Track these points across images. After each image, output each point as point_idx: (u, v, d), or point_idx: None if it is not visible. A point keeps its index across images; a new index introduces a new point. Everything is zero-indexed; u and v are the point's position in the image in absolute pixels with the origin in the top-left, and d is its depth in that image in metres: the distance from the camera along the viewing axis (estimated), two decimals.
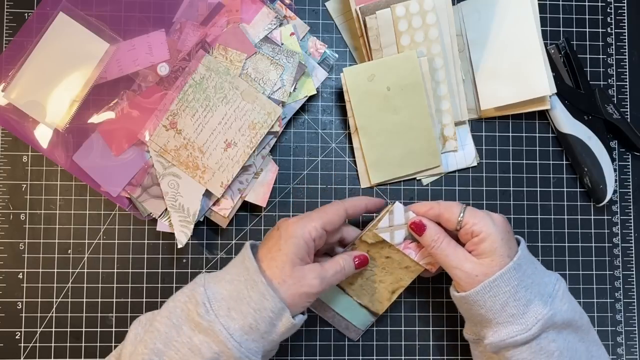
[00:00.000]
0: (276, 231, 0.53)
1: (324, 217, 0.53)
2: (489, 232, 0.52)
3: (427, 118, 0.63)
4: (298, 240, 0.51)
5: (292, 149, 0.65)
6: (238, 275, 0.51)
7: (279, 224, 0.54)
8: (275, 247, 0.52)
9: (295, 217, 0.54)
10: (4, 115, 0.59)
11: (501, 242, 0.52)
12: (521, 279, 0.51)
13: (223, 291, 0.50)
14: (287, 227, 0.52)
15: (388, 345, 0.64)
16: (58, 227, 0.63)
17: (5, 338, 0.62)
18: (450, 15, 0.63)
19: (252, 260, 0.51)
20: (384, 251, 0.59)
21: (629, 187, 0.67)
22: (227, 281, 0.51)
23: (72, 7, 0.60)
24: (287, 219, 0.54)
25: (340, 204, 0.55)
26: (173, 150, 0.60)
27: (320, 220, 0.53)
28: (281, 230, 0.52)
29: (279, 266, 0.51)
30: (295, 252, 0.51)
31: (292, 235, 0.51)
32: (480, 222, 0.52)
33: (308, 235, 0.52)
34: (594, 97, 0.65)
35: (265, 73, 0.61)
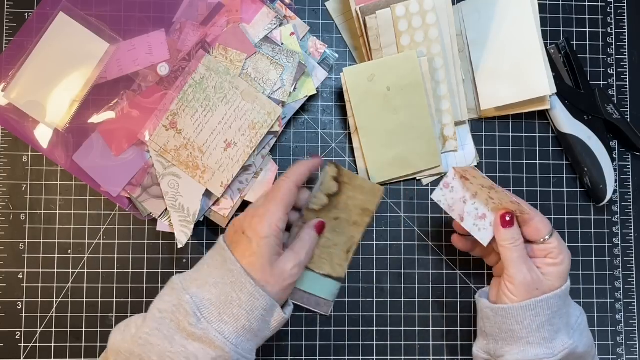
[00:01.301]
0: (242, 235, 0.52)
1: (282, 202, 0.53)
2: (567, 262, 0.54)
3: (427, 118, 0.63)
4: (269, 239, 0.51)
5: (292, 149, 0.65)
6: (222, 278, 0.50)
7: (243, 226, 0.52)
8: (248, 251, 0.51)
9: (253, 213, 0.53)
10: (4, 115, 0.59)
11: (565, 272, 0.54)
12: (561, 307, 0.53)
13: (210, 296, 0.49)
14: (253, 229, 0.51)
15: (388, 345, 0.64)
16: (58, 227, 0.63)
17: (5, 338, 0.62)
18: (450, 15, 0.63)
19: (235, 262, 0.50)
20: (331, 214, 0.61)
21: (629, 187, 0.67)
22: (212, 285, 0.50)
23: (72, 7, 0.60)
24: (245, 217, 0.53)
25: (289, 181, 0.55)
26: (173, 150, 0.60)
27: (281, 208, 0.53)
28: (248, 233, 0.51)
29: (259, 269, 0.50)
30: (270, 251, 0.51)
31: (263, 236, 0.51)
32: (564, 250, 0.54)
33: (277, 230, 0.52)
34: (594, 97, 0.65)
35: (265, 73, 0.61)
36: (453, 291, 0.65)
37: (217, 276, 0.50)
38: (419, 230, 0.65)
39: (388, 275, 0.65)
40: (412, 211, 0.65)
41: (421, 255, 0.65)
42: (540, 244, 0.54)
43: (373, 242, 0.65)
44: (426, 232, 0.65)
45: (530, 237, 0.54)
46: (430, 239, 0.65)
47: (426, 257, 0.65)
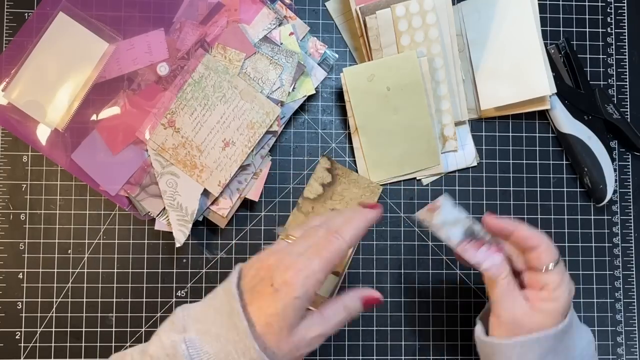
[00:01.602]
0: (269, 287, 0.42)
1: (329, 264, 0.44)
2: (563, 300, 0.48)
3: (427, 118, 0.63)
4: (301, 301, 0.42)
5: (292, 149, 0.65)
6: (226, 332, 0.42)
7: (272, 276, 0.43)
8: (271, 308, 0.42)
9: (290, 265, 0.43)
10: (4, 115, 0.60)
11: (562, 311, 0.48)
12: (556, 344, 0.48)
13: (209, 349, 0.42)
14: (285, 287, 0.42)
15: (388, 345, 0.64)
16: (58, 227, 0.63)
17: (5, 338, 0.62)
18: (450, 15, 0.63)
19: (243, 318, 0.42)
20: (327, 204, 0.62)
21: (629, 187, 0.67)
22: (214, 337, 0.42)
23: (72, 7, 0.60)
24: (278, 265, 0.43)
25: (343, 243, 0.45)
26: (171, 148, 0.60)
27: (325, 271, 0.44)
28: (277, 288, 0.42)
29: (275, 332, 0.42)
30: (296, 315, 0.42)
31: (294, 296, 0.42)
32: (564, 285, 0.48)
33: (312, 294, 0.43)
34: (594, 97, 0.65)
35: (264, 73, 0.61)
36: (453, 291, 0.65)
37: (220, 326, 0.43)
38: (419, 231, 0.65)
39: (388, 275, 0.65)
40: (412, 211, 0.65)
41: (421, 255, 0.65)
42: (540, 274, 0.49)
43: (373, 242, 0.65)
44: (426, 232, 0.65)
45: (530, 264, 0.50)
46: (430, 239, 0.65)
47: (426, 257, 0.65)
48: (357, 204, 0.55)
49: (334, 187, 0.63)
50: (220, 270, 0.64)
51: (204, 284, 0.63)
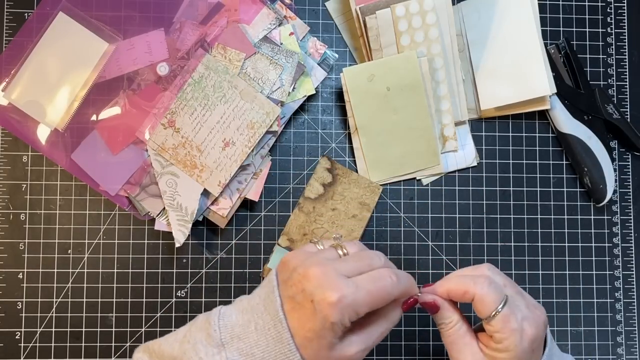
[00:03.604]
0: (309, 302, 0.41)
1: (373, 300, 0.42)
2: (510, 349, 0.44)
3: (427, 118, 0.63)
4: (337, 327, 0.41)
5: (292, 149, 0.65)
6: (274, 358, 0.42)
7: (313, 293, 0.41)
8: (308, 323, 0.41)
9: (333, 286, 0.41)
10: (4, 115, 0.60)
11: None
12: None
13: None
14: (324, 308, 0.40)
15: (388, 345, 0.64)
16: (58, 227, 0.63)
17: (5, 338, 0.62)
18: (450, 15, 0.63)
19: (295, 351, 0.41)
20: (328, 204, 0.62)
21: (629, 187, 0.67)
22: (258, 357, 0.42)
23: (72, 7, 0.60)
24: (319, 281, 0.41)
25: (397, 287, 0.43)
26: (171, 148, 0.60)
27: (369, 305, 0.42)
28: (316, 307, 0.41)
29: (314, 347, 0.41)
30: (333, 336, 0.41)
31: (331, 321, 0.40)
32: (507, 336, 0.44)
33: (348, 322, 0.41)
34: (594, 97, 0.65)
35: (264, 73, 0.61)
36: None
37: (266, 351, 0.42)
38: (419, 230, 0.65)
39: None
40: (412, 211, 0.65)
41: (421, 255, 0.65)
42: (487, 326, 0.46)
43: (373, 242, 0.65)
44: (426, 232, 0.65)
45: (477, 314, 0.46)
46: (430, 239, 0.65)
47: (426, 257, 0.65)
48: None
49: (335, 187, 0.63)
50: (220, 270, 0.64)
51: (204, 284, 0.63)
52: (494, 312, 0.44)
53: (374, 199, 0.63)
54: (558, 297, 0.65)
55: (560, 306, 0.65)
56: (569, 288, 0.66)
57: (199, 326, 0.44)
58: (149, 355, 0.45)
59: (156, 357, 0.45)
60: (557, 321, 0.65)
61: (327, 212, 0.63)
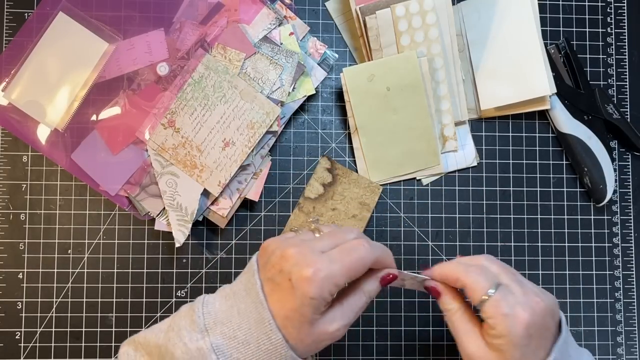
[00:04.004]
0: (287, 280, 0.42)
1: (350, 270, 0.43)
2: (504, 334, 0.44)
3: (427, 118, 0.63)
4: (317, 302, 0.41)
5: (292, 149, 0.65)
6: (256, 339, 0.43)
7: (290, 270, 0.42)
8: (288, 303, 0.42)
9: (309, 262, 0.42)
10: (4, 115, 0.60)
11: (515, 348, 0.44)
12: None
13: (239, 355, 0.42)
14: (303, 283, 0.41)
15: (388, 345, 0.64)
16: (58, 227, 0.63)
17: (5, 338, 0.62)
18: (450, 15, 0.63)
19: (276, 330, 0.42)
20: (328, 203, 0.62)
21: (629, 187, 0.67)
22: (242, 343, 0.42)
23: (72, 7, 0.60)
24: (297, 259, 0.42)
25: (370, 252, 0.44)
26: (171, 148, 0.60)
27: (344, 277, 0.43)
28: (294, 285, 0.41)
29: (295, 326, 0.42)
30: (314, 312, 0.42)
31: (309, 297, 0.41)
32: (500, 321, 0.44)
33: (328, 296, 0.42)
34: (594, 97, 0.65)
35: (264, 73, 0.61)
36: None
37: (248, 333, 0.43)
38: (419, 230, 0.65)
39: None
40: (412, 211, 0.65)
41: (421, 255, 0.65)
42: (481, 311, 0.45)
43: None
44: (426, 232, 0.65)
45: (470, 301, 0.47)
46: (430, 239, 0.65)
47: (426, 257, 0.65)
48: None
49: (335, 186, 0.63)
50: (220, 270, 0.64)
51: (204, 284, 0.63)
52: (483, 298, 0.45)
53: (374, 199, 0.63)
54: (558, 297, 0.65)
55: (560, 306, 0.65)
56: (569, 288, 0.66)
57: (183, 314, 0.45)
58: (134, 347, 0.46)
59: (142, 348, 0.45)
60: None
61: (327, 212, 0.63)
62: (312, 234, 0.48)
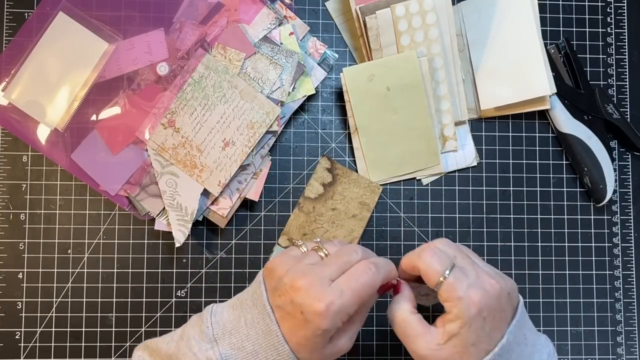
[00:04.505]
0: (299, 313, 0.42)
1: (359, 300, 0.43)
2: (459, 316, 0.43)
3: (427, 118, 0.63)
4: (330, 332, 0.43)
5: (292, 149, 0.65)
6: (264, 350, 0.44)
7: (301, 304, 0.42)
8: (300, 332, 0.43)
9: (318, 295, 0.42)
10: (4, 115, 0.60)
11: (469, 330, 0.43)
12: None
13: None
14: (314, 319, 0.42)
15: (388, 345, 0.64)
16: (58, 227, 0.63)
17: (5, 338, 0.62)
18: (450, 15, 0.63)
19: (284, 343, 0.43)
20: (328, 203, 0.62)
21: (629, 187, 0.67)
22: (250, 354, 0.44)
23: (72, 7, 0.60)
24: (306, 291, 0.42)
25: (377, 276, 0.45)
26: (171, 148, 0.60)
27: (355, 306, 0.43)
28: (307, 318, 0.42)
29: (307, 351, 0.43)
30: (325, 339, 0.43)
31: (323, 329, 0.42)
32: (455, 304, 0.44)
33: (340, 324, 0.43)
34: (594, 97, 0.65)
35: (264, 73, 0.61)
36: None
37: (256, 343, 0.44)
38: (419, 230, 0.65)
39: None
40: (412, 211, 0.65)
41: None
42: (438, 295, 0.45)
43: (373, 242, 0.65)
44: (426, 232, 0.65)
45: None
46: (430, 239, 0.65)
47: None
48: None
49: (335, 186, 0.63)
50: (220, 270, 0.64)
51: (203, 284, 0.63)
52: (440, 280, 0.44)
53: (374, 199, 0.63)
54: (558, 297, 0.65)
55: (560, 306, 0.65)
56: (569, 288, 0.66)
57: (192, 324, 0.46)
58: (149, 353, 0.47)
59: (156, 356, 0.46)
60: (557, 321, 0.65)
61: (327, 212, 0.63)
62: (317, 254, 0.47)
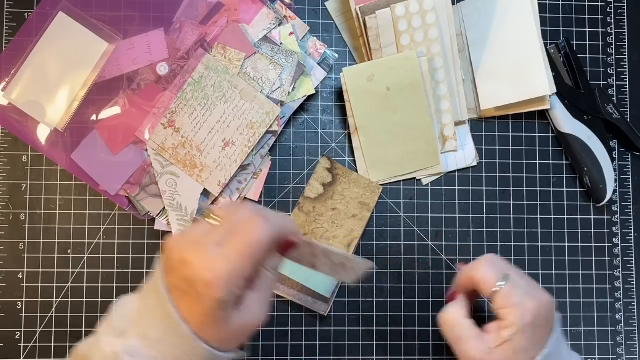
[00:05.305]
0: (191, 288, 0.39)
1: (250, 260, 0.40)
2: (514, 323, 0.46)
3: (427, 118, 0.63)
4: (227, 299, 0.39)
5: (292, 149, 0.65)
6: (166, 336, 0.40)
7: (192, 276, 0.39)
8: (198, 309, 0.39)
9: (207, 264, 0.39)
10: (4, 115, 0.60)
11: (523, 336, 0.46)
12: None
13: (154, 353, 0.40)
14: (206, 290, 0.39)
15: (388, 345, 0.64)
16: (58, 227, 0.63)
17: (5, 338, 0.62)
18: (450, 15, 0.63)
19: (180, 321, 0.40)
20: (328, 203, 0.62)
21: (629, 187, 0.67)
22: (155, 341, 0.40)
23: (72, 7, 0.60)
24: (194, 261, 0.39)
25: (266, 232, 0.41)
26: (171, 148, 0.60)
27: (246, 268, 0.40)
28: (199, 290, 0.39)
29: (212, 328, 0.40)
30: (226, 310, 0.40)
31: (217, 298, 0.39)
32: (511, 310, 0.47)
33: (237, 290, 0.40)
34: (594, 97, 0.65)
35: (264, 72, 0.61)
36: None
37: (159, 330, 0.40)
38: (419, 230, 0.65)
39: (388, 275, 0.65)
40: (412, 211, 0.65)
41: (421, 255, 0.65)
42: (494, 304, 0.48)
43: (373, 242, 0.65)
44: (426, 232, 0.65)
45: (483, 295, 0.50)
46: (430, 239, 0.65)
47: (426, 257, 0.65)
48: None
49: (335, 186, 0.63)
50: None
51: None
52: (495, 289, 0.48)
53: (374, 199, 0.63)
54: (558, 297, 0.65)
55: (560, 306, 0.65)
56: (569, 288, 0.66)
57: (103, 319, 0.43)
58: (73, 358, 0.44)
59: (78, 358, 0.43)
60: None
61: (327, 212, 0.63)
62: (207, 222, 0.44)
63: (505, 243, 0.65)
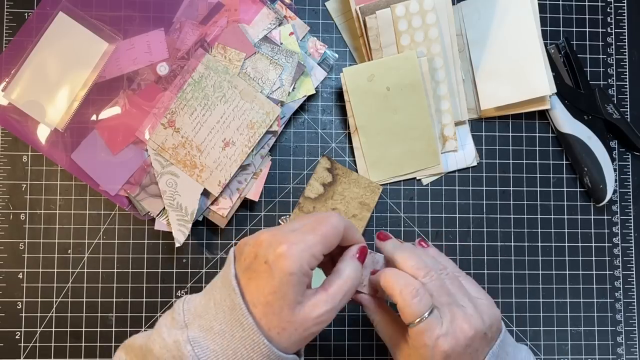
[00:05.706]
0: (263, 264, 0.41)
1: (324, 238, 0.42)
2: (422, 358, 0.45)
3: (427, 118, 0.63)
4: (297, 277, 0.40)
5: (292, 149, 0.65)
6: (230, 328, 0.41)
7: (266, 254, 0.41)
8: (267, 287, 0.40)
9: (283, 239, 0.41)
10: (4, 115, 0.60)
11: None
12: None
13: (215, 346, 0.41)
14: (278, 262, 0.40)
15: None
16: (58, 227, 0.63)
17: (5, 338, 0.62)
18: (450, 15, 0.63)
19: (247, 315, 0.41)
20: (328, 203, 0.62)
21: (629, 187, 0.67)
22: (218, 333, 0.41)
23: (72, 7, 0.60)
24: (270, 241, 0.41)
25: (340, 219, 0.44)
26: (171, 148, 0.60)
27: (321, 244, 0.42)
28: (271, 265, 0.40)
29: (275, 312, 0.40)
30: (295, 292, 0.40)
31: (288, 272, 0.40)
32: (419, 347, 0.45)
33: (307, 269, 0.41)
34: (594, 97, 0.65)
35: (264, 72, 0.61)
36: None
37: (223, 322, 0.41)
38: (419, 230, 0.65)
39: None
40: (412, 211, 0.65)
41: None
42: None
43: (373, 242, 0.65)
44: (426, 232, 0.65)
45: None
46: (430, 239, 0.65)
47: None
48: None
49: (335, 186, 0.63)
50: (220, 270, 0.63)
51: (203, 284, 0.63)
52: (411, 324, 0.44)
53: (374, 199, 0.63)
54: (558, 297, 0.65)
55: (560, 306, 0.65)
56: (569, 288, 0.66)
57: (165, 315, 0.45)
58: (126, 351, 0.45)
59: (131, 351, 0.45)
60: (557, 321, 0.65)
61: None
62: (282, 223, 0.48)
63: (505, 243, 0.65)
